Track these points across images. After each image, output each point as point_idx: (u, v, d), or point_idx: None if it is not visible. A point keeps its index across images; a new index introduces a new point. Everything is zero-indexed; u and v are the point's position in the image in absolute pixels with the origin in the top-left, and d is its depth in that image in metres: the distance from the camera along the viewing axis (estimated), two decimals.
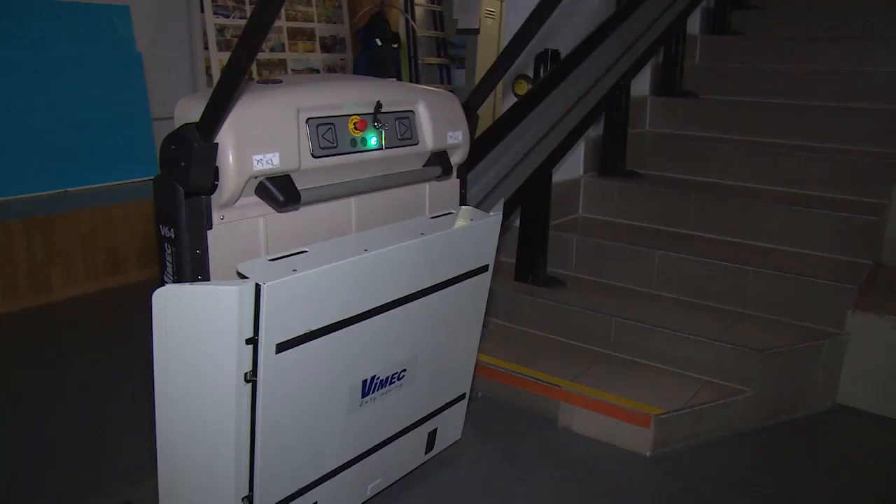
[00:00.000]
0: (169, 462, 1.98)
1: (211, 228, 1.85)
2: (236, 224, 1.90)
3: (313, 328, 1.89)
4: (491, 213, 2.43)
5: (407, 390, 2.36)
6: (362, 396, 2.18)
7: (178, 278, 1.85)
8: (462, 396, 2.73)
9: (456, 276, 2.34)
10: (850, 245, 3.61)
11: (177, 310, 1.75)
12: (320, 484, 2.19)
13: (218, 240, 1.86)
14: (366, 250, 1.95)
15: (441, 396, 2.61)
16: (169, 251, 1.86)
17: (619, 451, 2.89)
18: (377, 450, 2.37)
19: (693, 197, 4.04)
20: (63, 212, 4.45)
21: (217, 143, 1.75)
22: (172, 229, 1.83)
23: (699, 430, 2.96)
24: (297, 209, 2.02)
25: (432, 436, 2.63)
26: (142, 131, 5.43)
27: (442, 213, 2.35)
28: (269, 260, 1.82)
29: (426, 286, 2.23)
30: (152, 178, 1.84)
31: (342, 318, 1.96)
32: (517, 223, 3.80)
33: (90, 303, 4.39)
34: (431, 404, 2.57)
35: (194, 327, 1.76)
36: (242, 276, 1.75)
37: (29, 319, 4.12)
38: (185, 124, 1.76)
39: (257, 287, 1.71)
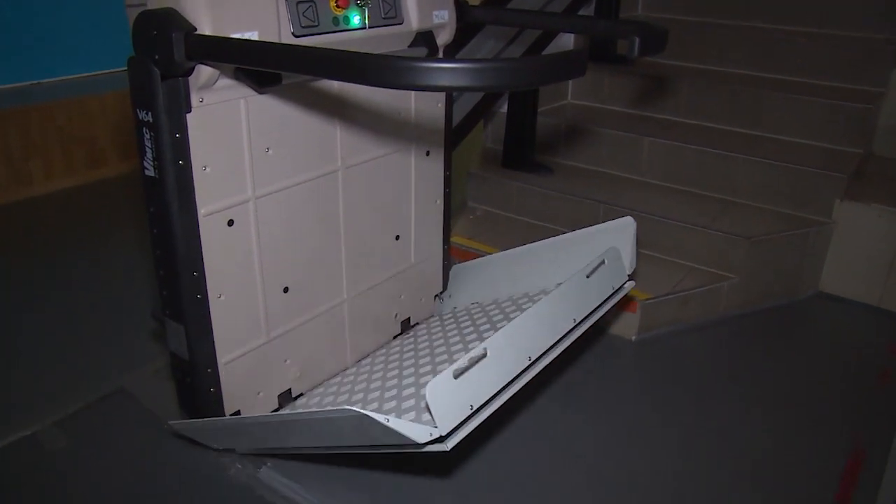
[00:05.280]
0: None
1: (190, 111, 1.78)
2: (216, 107, 1.84)
3: None
4: (627, 279, 2.40)
5: None
6: None
7: (159, 163, 1.79)
8: None
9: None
10: (842, 134, 3.57)
11: (358, 429, 1.65)
12: None
13: (198, 123, 1.80)
14: (529, 358, 1.87)
15: None
16: (147, 136, 1.79)
17: (606, 335, 2.93)
18: None
19: (684, 84, 3.96)
20: (37, 103, 4.31)
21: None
22: (150, 113, 1.76)
23: (684, 315, 3.00)
24: (278, 90, 1.95)
25: None
26: (115, 19, 5.21)
27: (595, 268, 2.22)
28: (455, 377, 1.62)
29: None
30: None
31: None
32: (504, 109, 3.72)
33: (71, 197, 4.33)
34: None
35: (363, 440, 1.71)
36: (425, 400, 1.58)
37: (11, 213, 4.06)
38: (168, 9, 1.66)
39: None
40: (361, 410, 1.53)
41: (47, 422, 2.38)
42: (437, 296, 2.81)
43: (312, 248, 2.21)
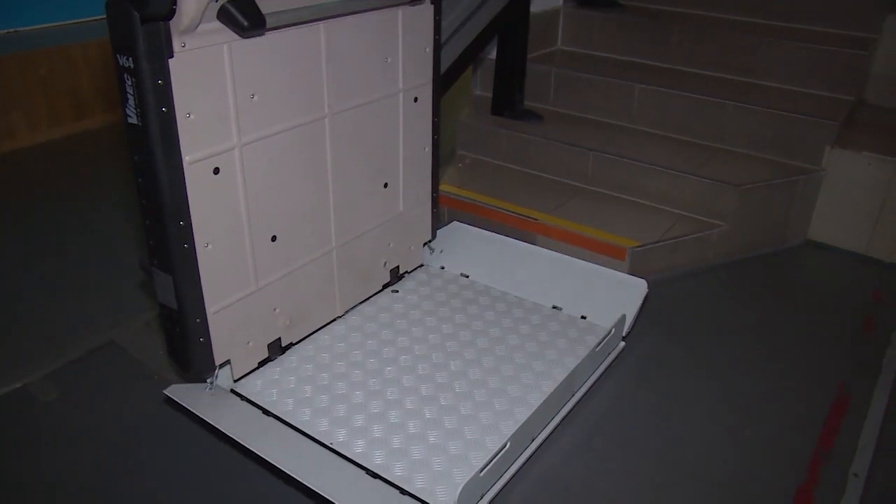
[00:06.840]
0: None
1: (172, 57, 1.74)
2: (199, 52, 1.79)
3: None
4: (622, 343, 2.53)
5: None
6: None
7: (141, 110, 1.76)
8: None
9: None
10: (834, 81, 3.54)
11: None
12: None
13: (180, 69, 1.76)
14: (532, 439, 2.06)
15: None
16: (129, 82, 1.75)
17: None
18: None
19: (676, 30, 3.91)
20: (17, 52, 4.21)
21: None
22: (130, 58, 1.71)
23: (673, 262, 3.01)
24: (262, 35, 1.91)
25: None
26: None
27: (602, 340, 2.31)
28: (480, 472, 1.77)
29: None
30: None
31: None
32: (493, 55, 3.67)
33: (57, 149, 4.27)
34: None
35: None
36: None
37: None
38: None
39: None
40: None
41: (38, 374, 2.38)
42: (426, 244, 2.81)
43: (300, 197, 2.19)
